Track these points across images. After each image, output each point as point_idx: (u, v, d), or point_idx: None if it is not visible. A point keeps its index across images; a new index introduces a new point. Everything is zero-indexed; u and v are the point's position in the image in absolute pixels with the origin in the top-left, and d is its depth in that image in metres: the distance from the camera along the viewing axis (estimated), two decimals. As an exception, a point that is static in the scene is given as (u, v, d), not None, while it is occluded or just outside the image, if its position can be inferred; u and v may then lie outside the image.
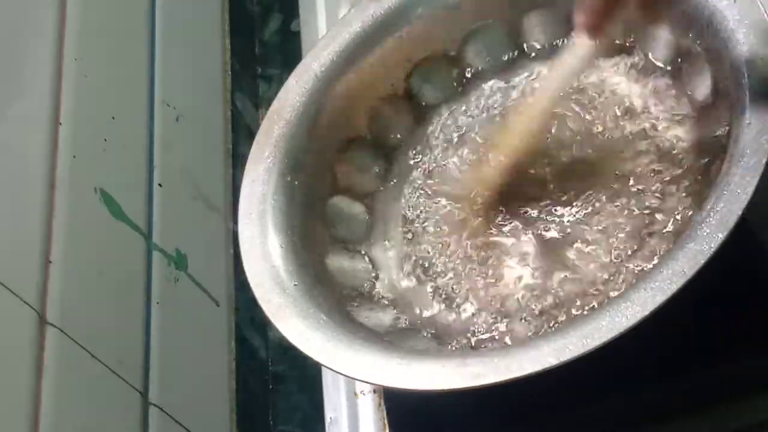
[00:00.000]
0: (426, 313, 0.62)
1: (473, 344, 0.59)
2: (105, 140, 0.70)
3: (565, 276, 0.59)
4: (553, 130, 0.64)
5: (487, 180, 0.63)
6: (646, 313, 0.47)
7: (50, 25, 0.68)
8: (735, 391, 0.57)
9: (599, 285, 0.58)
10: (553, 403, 0.58)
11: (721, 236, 0.48)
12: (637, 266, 0.57)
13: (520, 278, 0.60)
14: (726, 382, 0.57)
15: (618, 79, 0.65)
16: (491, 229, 0.63)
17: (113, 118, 0.72)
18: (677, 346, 0.57)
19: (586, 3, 0.54)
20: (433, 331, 0.60)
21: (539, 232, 0.61)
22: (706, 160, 0.58)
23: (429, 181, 0.68)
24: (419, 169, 0.69)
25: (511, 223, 0.63)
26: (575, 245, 0.60)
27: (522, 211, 0.63)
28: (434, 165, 0.68)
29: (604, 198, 0.61)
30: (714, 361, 0.57)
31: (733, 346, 0.57)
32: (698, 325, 0.57)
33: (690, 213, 0.57)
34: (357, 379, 0.61)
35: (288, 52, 0.95)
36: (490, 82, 0.70)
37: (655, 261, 0.56)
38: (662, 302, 0.47)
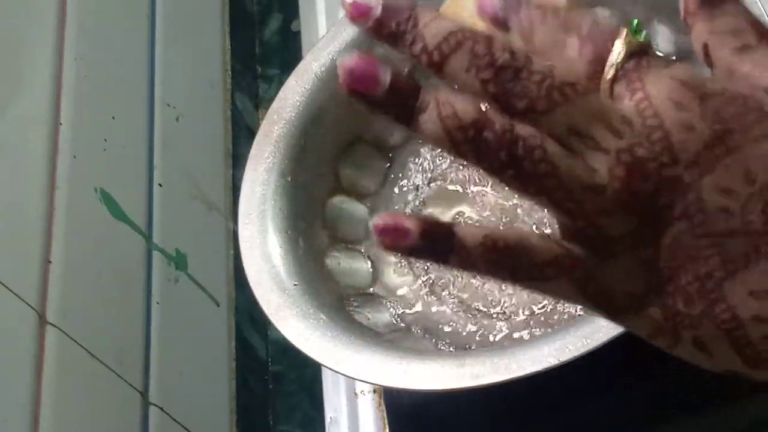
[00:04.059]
0: (425, 313, 0.62)
1: (473, 344, 0.59)
2: (105, 140, 0.70)
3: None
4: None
5: None
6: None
7: (50, 25, 0.68)
8: (735, 391, 0.57)
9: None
10: (553, 403, 0.58)
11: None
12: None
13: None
14: (726, 382, 0.57)
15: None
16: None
17: (113, 118, 0.72)
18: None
19: None
20: (433, 331, 0.60)
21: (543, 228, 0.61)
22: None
23: (429, 181, 0.68)
24: (419, 169, 0.69)
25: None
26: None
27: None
28: (434, 165, 0.68)
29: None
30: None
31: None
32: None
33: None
34: (357, 379, 0.61)
35: (288, 52, 0.95)
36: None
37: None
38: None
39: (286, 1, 0.99)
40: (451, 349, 0.59)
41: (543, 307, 0.59)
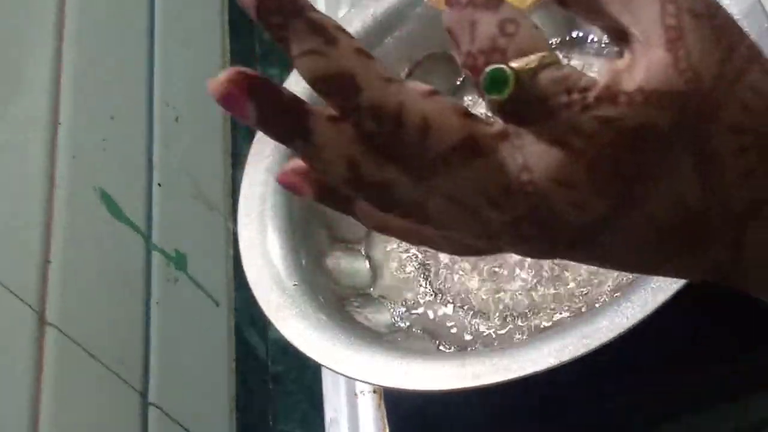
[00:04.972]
0: (425, 313, 0.62)
1: (472, 344, 0.59)
2: (105, 140, 0.70)
3: (561, 276, 0.59)
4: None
5: None
6: (646, 313, 0.47)
7: (50, 25, 0.68)
8: (735, 391, 0.57)
9: (592, 285, 0.58)
10: (553, 404, 0.58)
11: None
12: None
13: (519, 279, 0.60)
14: (726, 382, 0.57)
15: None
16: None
17: (113, 118, 0.72)
18: (677, 346, 0.57)
19: None
20: (433, 331, 0.60)
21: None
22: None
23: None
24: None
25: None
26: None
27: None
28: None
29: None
30: (714, 361, 0.57)
31: (733, 346, 0.57)
32: (698, 325, 0.57)
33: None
34: (357, 379, 0.61)
35: (288, 52, 0.95)
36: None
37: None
38: (662, 302, 0.47)
39: (286, 1, 0.99)
40: (452, 349, 0.59)
41: (545, 306, 0.59)
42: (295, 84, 0.68)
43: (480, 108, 0.70)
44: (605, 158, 0.25)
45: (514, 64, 0.25)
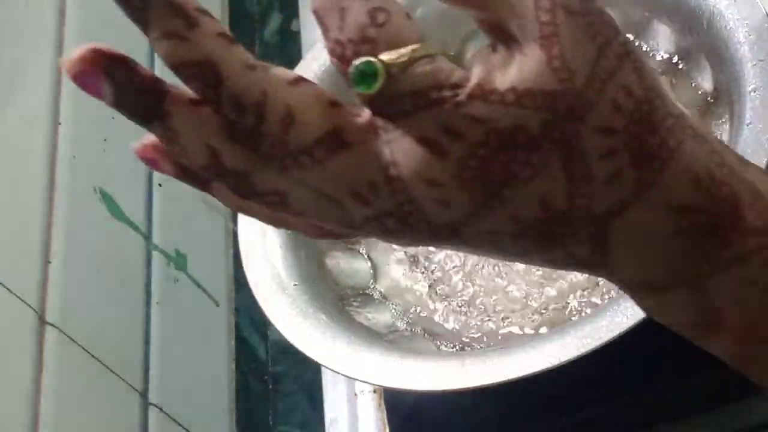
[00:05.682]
0: (425, 313, 0.62)
1: (472, 344, 0.59)
2: (105, 140, 0.70)
3: (563, 276, 0.59)
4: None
5: None
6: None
7: (50, 25, 0.68)
8: (735, 392, 0.57)
9: (596, 286, 0.58)
10: (553, 404, 0.58)
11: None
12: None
13: (520, 279, 0.60)
14: (726, 383, 0.57)
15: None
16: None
17: (113, 118, 0.72)
18: (677, 346, 0.57)
19: None
20: (433, 331, 0.60)
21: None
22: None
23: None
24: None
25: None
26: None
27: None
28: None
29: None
30: (714, 362, 0.57)
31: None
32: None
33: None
34: (357, 379, 0.61)
35: (288, 52, 0.95)
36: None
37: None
38: (662, 302, 0.47)
39: (286, 1, 0.99)
40: (452, 349, 0.59)
41: (546, 307, 0.59)
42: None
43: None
44: (473, 158, 0.24)
45: (384, 57, 0.24)
